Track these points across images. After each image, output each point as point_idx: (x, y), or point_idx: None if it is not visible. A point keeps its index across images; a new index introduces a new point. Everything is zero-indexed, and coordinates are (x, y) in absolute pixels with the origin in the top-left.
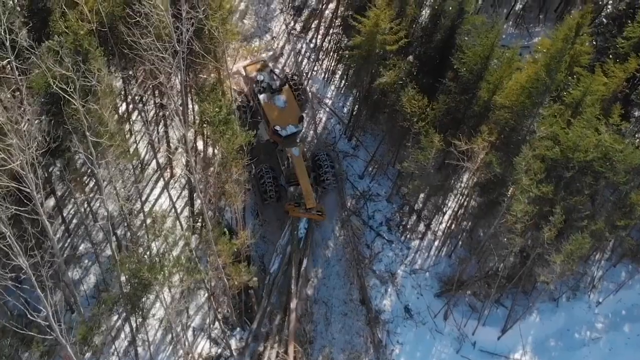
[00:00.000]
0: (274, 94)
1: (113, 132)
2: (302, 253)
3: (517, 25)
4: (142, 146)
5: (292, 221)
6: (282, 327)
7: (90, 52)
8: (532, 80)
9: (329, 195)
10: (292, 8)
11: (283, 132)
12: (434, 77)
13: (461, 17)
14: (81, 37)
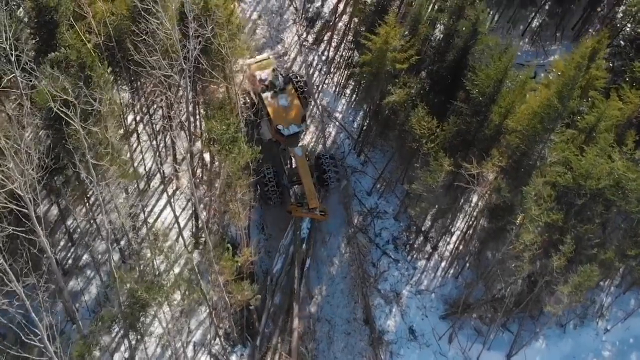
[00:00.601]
0: (278, 93)
1: (115, 153)
2: (305, 253)
3: (533, 43)
4: (149, 156)
5: (295, 221)
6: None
7: (94, 69)
8: (544, 106)
9: (336, 212)
10: (305, 19)
11: (285, 131)
12: (445, 96)
13: (475, 38)
14: (85, 55)
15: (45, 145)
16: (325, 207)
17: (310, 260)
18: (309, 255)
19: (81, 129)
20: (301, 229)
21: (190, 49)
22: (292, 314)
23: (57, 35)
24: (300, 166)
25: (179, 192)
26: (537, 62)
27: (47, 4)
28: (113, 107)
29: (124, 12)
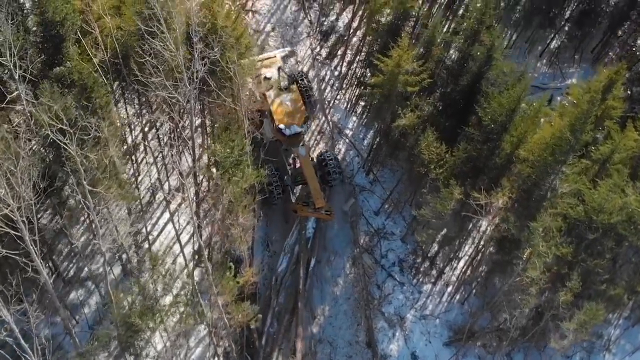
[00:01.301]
0: (282, 92)
1: (114, 175)
2: (310, 253)
3: (550, 64)
4: (155, 168)
5: (300, 221)
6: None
7: (95, 90)
8: (557, 137)
9: (342, 231)
10: (319, 33)
11: (287, 131)
12: (456, 121)
13: (489, 64)
14: (86, 76)
15: (41, 167)
16: (331, 206)
17: (315, 259)
18: (314, 255)
19: (77, 155)
20: (306, 228)
21: (195, 71)
22: (296, 334)
23: (63, 49)
24: (304, 166)
25: (185, 205)
26: (554, 85)
27: (52, 19)
28: (115, 126)
29: (131, 28)
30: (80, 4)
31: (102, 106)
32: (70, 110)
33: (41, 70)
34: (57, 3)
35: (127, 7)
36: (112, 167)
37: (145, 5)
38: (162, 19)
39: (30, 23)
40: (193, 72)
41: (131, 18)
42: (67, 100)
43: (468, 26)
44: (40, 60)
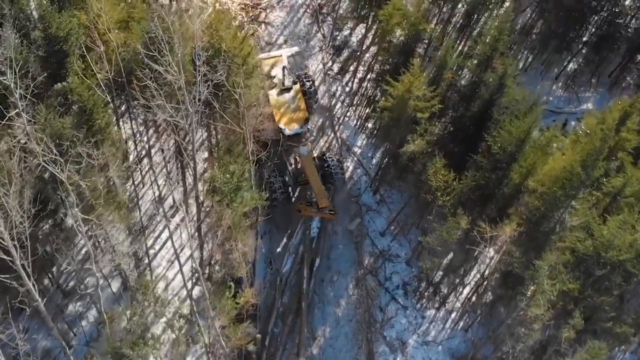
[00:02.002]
0: (284, 92)
1: (111, 199)
2: (314, 253)
3: (566, 88)
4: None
5: (305, 221)
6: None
7: (95, 112)
8: (567, 172)
9: (347, 249)
10: (332, 47)
11: (286, 131)
12: (466, 147)
13: (501, 91)
14: (86, 98)
15: (35, 189)
16: (335, 205)
17: (319, 259)
18: (319, 255)
19: (68, 184)
20: (311, 228)
21: (197, 94)
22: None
23: (67, 65)
24: (306, 166)
25: (189, 219)
26: (569, 109)
27: (56, 34)
28: (116, 147)
29: (136, 44)
30: (87, 18)
31: (102, 128)
32: (67, 132)
33: (44, 85)
34: (61, 19)
35: (135, 23)
36: (111, 188)
37: (148, 27)
38: (165, 42)
39: (36, 36)
40: (195, 95)
41: (138, 36)
42: (64, 122)
43: (481, 51)
44: (43, 76)
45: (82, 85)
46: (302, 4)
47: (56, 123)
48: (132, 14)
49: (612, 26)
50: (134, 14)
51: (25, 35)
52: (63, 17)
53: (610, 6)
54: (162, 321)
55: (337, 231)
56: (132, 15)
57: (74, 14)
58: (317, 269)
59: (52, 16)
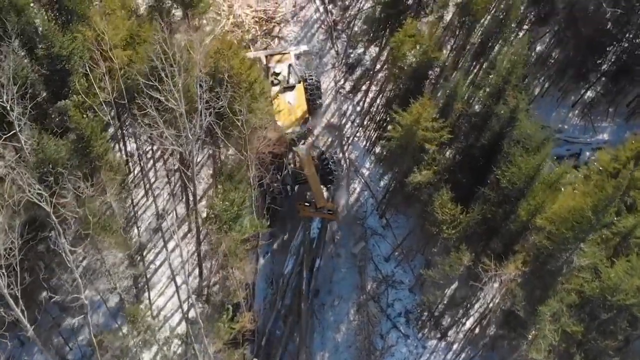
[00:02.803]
0: (287, 90)
1: (107, 225)
2: (315, 253)
3: (583, 116)
4: (163, 194)
5: (305, 221)
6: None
7: (92, 139)
8: (577, 214)
9: (350, 273)
10: (345, 65)
11: (286, 129)
12: (474, 178)
13: (512, 124)
14: (84, 126)
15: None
16: (334, 205)
17: (320, 260)
18: (319, 255)
19: (54, 218)
20: (311, 229)
21: (198, 123)
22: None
23: (69, 83)
24: (305, 165)
25: (190, 235)
26: (584, 140)
27: (59, 53)
28: (114, 171)
29: (140, 68)
30: (92, 35)
31: (100, 155)
32: (62, 157)
33: (46, 102)
34: (64, 38)
35: (140, 42)
36: (108, 213)
37: (152, 51)
38: (169, 66)
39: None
40: (196, 124)
41: (141, 58)
42: (59, 148)
43: (494, 82)
44: (42, 96)
45: (80, 113)
46: (317, 20)
47: (50, 148)
48: (139, 32)
49: (631, 57)
50: (140, 33)
51: (31, 50)
52: (66, 36)
53: (631, 36)
54: (154, 349)
55: (341, 254)
56: (139, 33)
57: (79, 31)
58: (317, 270)
59: (55, 35)
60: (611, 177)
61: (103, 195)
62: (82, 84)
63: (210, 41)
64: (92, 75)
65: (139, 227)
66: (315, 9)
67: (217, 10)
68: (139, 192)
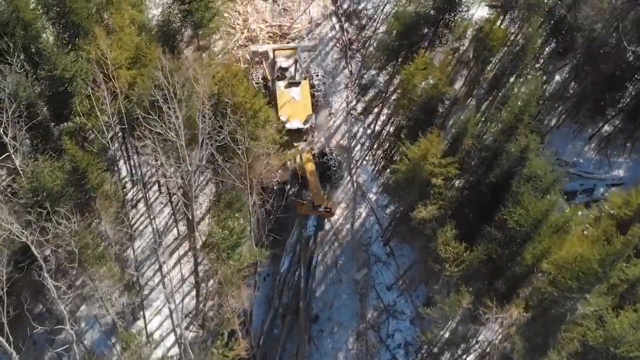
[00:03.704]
0: (292, 85)
1: (100, 255)
2: (311, 251)
3: (599, 150)
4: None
5: (300, 219)
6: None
7: (88, 172)
8: (583, 265)
9: (350, 300)
10: (358, 85)
11: (288, 124)
12: (480, 214)
13: (522, 164)
14: (79, 159)
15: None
16: (332, 203)
17: (317, 257)
18: (316, 253)
19: (40, 257)
20: (307, 227)
21: (197, 157)
22: None
23: (71, 105)
24: (305, 162)
25: (191, 253)
26: (598, 175)
27: (61, 76)
28: (110, 200)
29: (144, 89)
30: (96, 54)
31: (95, 186)
32: (56, 187)
33: (48, 120)
34: (66, 60)
35: (146, 64)
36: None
37: (152, 86)
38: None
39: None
40: (195, 156)
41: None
42: (54, 178)
43: (506, 119)
44: (37, 119)
45: (75, 145)
46: (332, 37)
47: (45, 177)
48: (145, 54)
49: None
50: (146, 53)
51: (36, 65)
52: (69, 57)
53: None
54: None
55: (342, 280)
56: (145, 54)
57: (84, 49)
58: (314, 268)
59: (58, 57)
60: (621, 224)
61: (98, 224)
62: (84, 106)
63: (221, 56)
64: (95, 97)
65: (135, 250)
66: (331, 27)
67: (231, 24)
68: (141, 207)
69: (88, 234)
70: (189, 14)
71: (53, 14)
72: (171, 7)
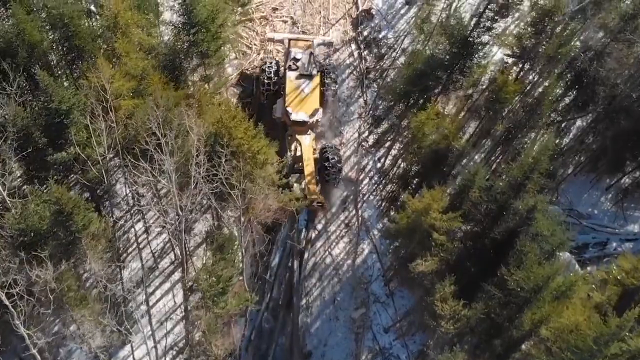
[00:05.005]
0: (303, 77)
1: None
2: (303, 245)
3: (616, 202)
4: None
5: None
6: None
7: (74, 214)
8: (579, 339)
9: (346, 339)
10: (371, 116)
11: (293, 115)
12: (482, 268)
13: (528, 223)
14: (65, 201)
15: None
16: (324, 198)
17: (308, 252)
18: (307, 248)
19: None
20: (298, 220)
21: (189, 204)
22: None
23: (67, 135)
24: (304, 154)
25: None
26: (612, 229)
27: (58, 108)
28: (97, 239)
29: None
30: (95, 86)
31: (81, 228)
32: (44, 227)
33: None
34: (63, 93)
35: (145, 96)
36: (85, 281)
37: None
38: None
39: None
40: (187, 203)
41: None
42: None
43: (514, 175)
44: (29, 149)
45: (60, 187)
46: (350, 65)
47: (32, 218)
48: (147, 84)
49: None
50: (149, 82)
51: (37, 85)
52: (68, 92)
53: None
54: None
55: (339, 317)
56: (147, 84)
57: (84, 79)
58: (306, 262)
59: (54, 89)
60: (627, 292)
61: (83, 262)
62: (80, 136)
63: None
64: (92, 128)
65: (124, 282)
66: (349, 53)
67: (248, 44)
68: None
69: (71, 277)
70: (194, 45)
71: (56, 36)
72: (177, 36)
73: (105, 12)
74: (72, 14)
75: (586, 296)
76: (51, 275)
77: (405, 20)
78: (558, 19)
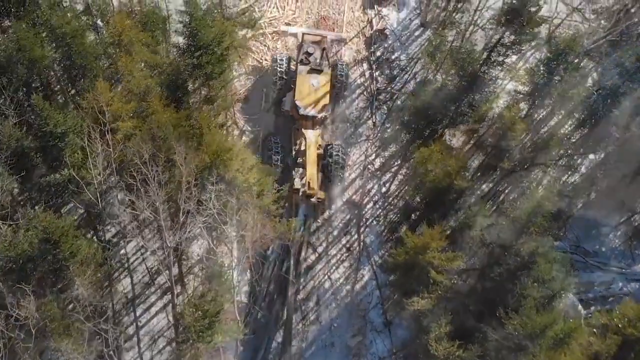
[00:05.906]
0: (314, 72)
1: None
2: (301, 240)
3: (625, 240)
4: None
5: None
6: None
7: (62, 243)
8: None
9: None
10: (380, 139)
11: (301, 109)
12: (480, 307)
13: (529, 267)
14: (53, 230)
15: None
16: (325, 194)
17: (306, 247)
18: (305, 243)
19: None
20: (297, 214)
21: (177, 237)
22: None
23: (62, 156)
24: (308, 149)
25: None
26: (618, 268)
27: (54, 131)
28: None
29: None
30: (95, 104)
31: (68, 257)
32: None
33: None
34: (59, 116)
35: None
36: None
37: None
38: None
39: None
40: (174, 237)
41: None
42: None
43: (518, 217)
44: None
45: (47, 214)
46: (361, 85)
47: (22, 245)
48: (148, 106)
49: None
50: (150, 105)
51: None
52: (68, 116)
53: None
54: None
55: (335, 344)
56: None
57: (84, 97)
58: (304, 258)
59: (49, 113)
60: (627, 342)
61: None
62: (75, 158)
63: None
64: (89, 150)
65: (114, 305)
66: (360, 73)
67: (259, 59)
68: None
69: (54, 307)
70: (198, 67)
71: (58, 55)
72: (181, 57)
73: (110, 29)
74: (74, 32)
75: (586, 343)
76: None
77: (419, 42)
78: (571, 59)
